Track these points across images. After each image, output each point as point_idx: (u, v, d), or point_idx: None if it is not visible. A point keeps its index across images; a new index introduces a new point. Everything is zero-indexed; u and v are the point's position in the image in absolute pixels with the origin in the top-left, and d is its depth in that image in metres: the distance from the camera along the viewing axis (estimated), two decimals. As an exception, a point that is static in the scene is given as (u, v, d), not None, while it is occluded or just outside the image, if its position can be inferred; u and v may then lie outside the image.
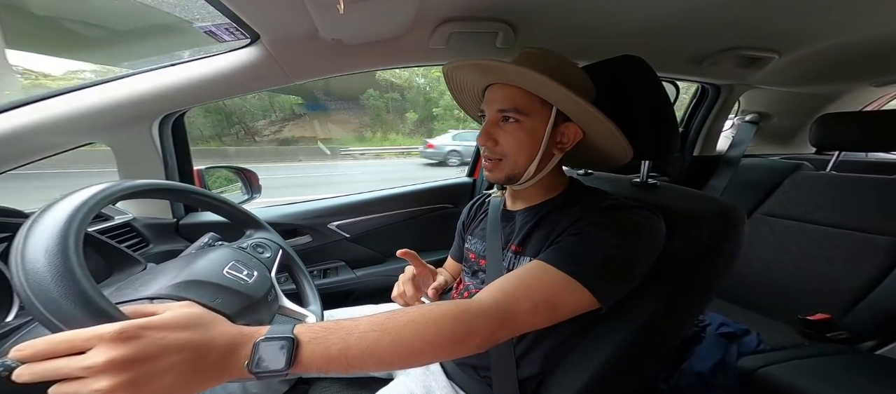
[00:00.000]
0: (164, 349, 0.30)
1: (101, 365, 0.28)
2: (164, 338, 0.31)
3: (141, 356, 0.29)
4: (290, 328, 0.36)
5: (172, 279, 0.49)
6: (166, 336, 0.31)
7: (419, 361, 0.38)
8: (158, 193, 0.56)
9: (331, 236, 1.13)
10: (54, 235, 0.34)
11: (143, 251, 0.86)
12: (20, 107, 0.67)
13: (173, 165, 0.91)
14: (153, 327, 0.31)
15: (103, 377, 0.28)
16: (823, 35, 0.88)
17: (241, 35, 0.68)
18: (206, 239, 0.68)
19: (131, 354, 0.29)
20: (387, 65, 0.88)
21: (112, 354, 0.28)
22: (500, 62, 0.51)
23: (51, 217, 0.36)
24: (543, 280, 0.45)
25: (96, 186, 0.42)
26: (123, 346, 0.29)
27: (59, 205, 0.38)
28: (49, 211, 0.37)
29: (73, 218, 0.37)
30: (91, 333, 0.29)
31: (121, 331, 0.29)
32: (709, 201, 0.53)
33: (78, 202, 0.39)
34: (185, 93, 0.76)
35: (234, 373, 0.34)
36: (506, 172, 0.56)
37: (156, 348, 0.30)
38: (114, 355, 0.28)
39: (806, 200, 1.06)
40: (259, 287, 0.57)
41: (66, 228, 0.35)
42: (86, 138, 0.77)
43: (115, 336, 0.29)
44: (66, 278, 0.32)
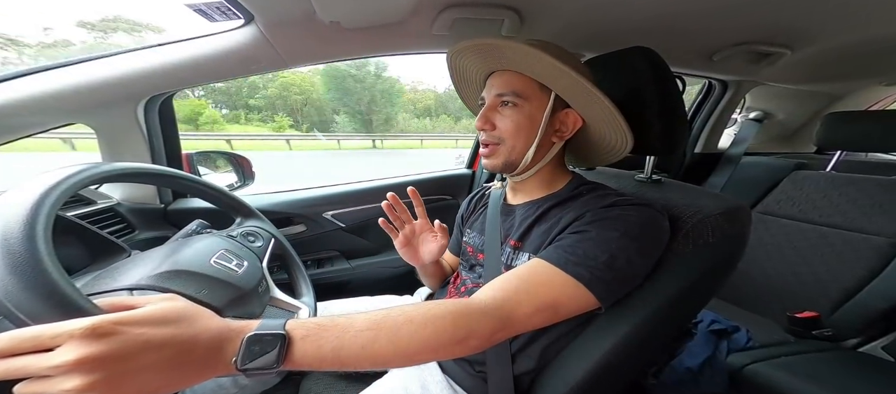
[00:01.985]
0: (143, 346, 0.29)
1: (70, 364, 0.26)
2: (142, 334, 0.29)
3: (115, 354, 0.27)
4: (282, 324, 0.35)
5: (155, 269, 0.47)
6: (145, 332, 0.29)
7: (415, 361, 0.38)
8: (139, 177, 0.53)
9: (326, 226, 1.11)
10: (19, 220, 0.31)
11: (129, 238, 0.83)
12: None
13: (160, 148, 0.87)
14: (130, 323, 0.29)
15: (72, 377, 0.26)
16: (837, 31, 0.87)
17: (234, 15, 0.64)
18: (193, 226, 0.66)
19: (104, 351, 0.27)
20: (387, 51, 0.85)
21: (82, 351, 0.26)
22: (497, 40, 0.51)
23: (15, 200, 0.33)
24: (545, 281, 0.44)
25: (69, 169, 0.39)
26: (96, 343, 0.27)
27: (25, 188, 0.35)
28: (13, 194, 0.34)
29: (41, 203, 0.34)
30: (59, 328, 0.27)
31: (93, 327, 0.27)
32: (715, 199, 0.52)
33: (47, 185, 0.36)
34: (172, 74, 0.72)
35: (220, 370, 0.32)
36: (503, 158, 0.55)
37: (133, 345, 0.28)
38: (84, 352, 0.26)
39: (803, 200, 1.07)
40: (249, 278, 0.55)
41: (33, 212, 0.32)
42: (67, 118, 0.73)
43: (86, 332, 0.27)
44: (30, 268, 0.29)
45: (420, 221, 0.65)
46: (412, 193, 0.61)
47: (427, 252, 0.64)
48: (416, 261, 0.66)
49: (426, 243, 0.64)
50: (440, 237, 0.63)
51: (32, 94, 0.65)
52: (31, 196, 0.34)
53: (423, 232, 0.65)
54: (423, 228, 0.65)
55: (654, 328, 0.49)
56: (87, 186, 0.42)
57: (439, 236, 0.63)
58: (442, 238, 0.63)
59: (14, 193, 0.34)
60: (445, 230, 0.64)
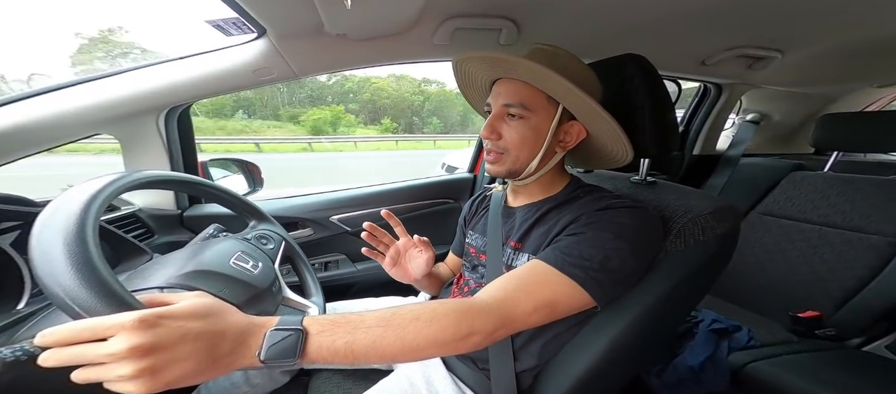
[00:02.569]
0: (182, 337, 0.31)
1: (124, 352, 0.29)
2: (181, 326, 0.32)
3: (160, 344, 0.30)
4: (300, 320, 0.37)
5: (181, 269, 0.50)
6: (184, 325, 0.32)
7: (421, 356, 0.40)
8: (169, 184, 0.57)
9: (332, 229, 1.14)
10: (72, 223, 0.35)
11: (149, 242, 0.87)
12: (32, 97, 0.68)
13: (178, 156, 0.92)
14: (171, 316, 0.32)
15: (126, 363, 0.29)
16: (828, 34, 0.89)
17: (248, 29, 0.68)
18: (211, 230, 0.69)
19: (151, 341, 0.30)
20: (390, 60, 0.88)
21: (133, 341, 0.29)
22: (508, 57, 0.51)
23: (68, 206, 0.37)
24: (543, 281, 0.46)
25: (110, 176, 0.43)
26: (144, 334, 0.30)
27: (74, 194, 0.39)
28: (65, 200, 0.38)
29: (89, 207, 0.37)
30: (112, 321, 0.30)
31: (141, 319, 0.30)
32: (705, 199, 0.54)
33: (93, 191, 0.39)
34: (191, 87, 0.77)
35: (245, 361, 0.35)
36: (507, 167, 0.56)
37: (174, 336, 0.31)
38: (135, 342, 0.29)
39: (802, 200, 1.07)
40: (264, 278, 0.58)
41: (83, 216, 0.36)
42: (94, 129, 0.78)
43: (135, 324, 0.30)
44: (86, 267, 0.33)
45: (403, 240, 0.67)
46: (387, 215, 0.64)
47: (415, 268, 0.66)
48: (407, 278, 0.68)
49: (413, 260, 0.66)
50: (424, 251, 0.65)
51: (64, 109, 0.70)
52: (81, 202, 0.37)
53: (408, 249, 0.67)
54: (407, 246, 0.67)
55: (650, 324, 0.51)
56: (124, 192, 0.45)
57: (423, 250, 0.65)
58: (426, 251, 0.65)
59: (65, 200, 0.38)
60: (428, 243, 0.66)
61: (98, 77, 0.72)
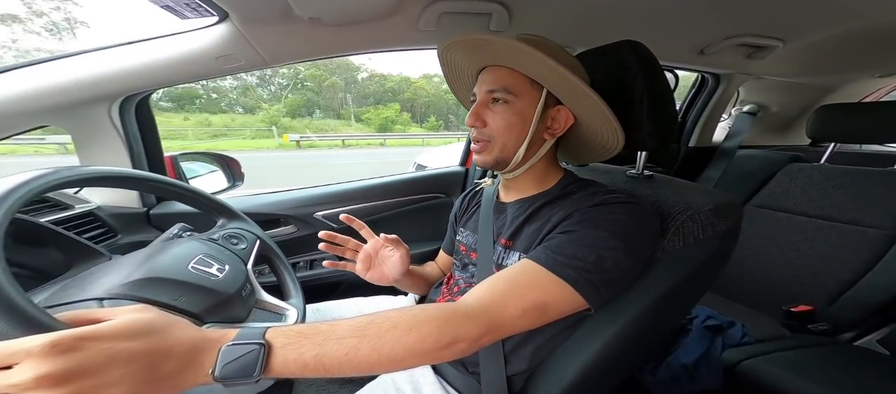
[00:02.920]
0: (110, 360, 0.28)
1: (30, 382, 0.25)
2: (108, 349, 0.28)
3: (78, 370, 0.26)
4: (262, 332, 0.34)
5: (128, 276, 0.45)
6: (112, 346, 0.28)
7: (400, 367, 0.37)
8: (107, 180, 0.51)
9: (317, 226, 1.09)
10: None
11: (110, 242, 0.81)
12: None
13: (140, 150, 0.85)
14: (95, 338, 0.28)
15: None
16: (830, 22, 0.86)
17: (206, 11, 0.62)
18: (175, 230, 0.64)
19: (65, 368, 0.26)
20: (371, 48, 0.83)
21: (41, 369, 0.25)
22: (489, 37, 0.50)
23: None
24: (533, 283, 0.43)
25: (20, 176, 0.38)
26: (56, 360, 0.26)
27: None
28: None
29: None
30: (16, 346, 0.26)
31: (52, 344, 0.26)
32: (706, 194, 0.51)
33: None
34: (146, 74, 0.70)
35: (196, 380, 0.32)
36: (494, 156, 0.54)
37: (98, 360, 0.27)
38: (44, 370, 0.25)
39: (798, 193, 1.06)
40: (230, 282, 0.54)
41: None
42: (38, 121, 0.71)
43: (44, 350, 0.26)
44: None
45: (371, 242, 0.64)
46: (347, 219, 0.62)
47: (391, 267, 0.63)
48: (385, 280, 0.65)
49: (387, 260, 0.63)
50: (396, 249, 0.63)
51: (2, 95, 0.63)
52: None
53: (379, 251, 0.64)
54: (376, 247, 0.64)
55: (645, 326, 0.49)
56: (45, 193, 0.40)
57: (394, 248, 0.63)
58: (397, 249, 0.63)
59: None
60: (397, 241, 0.64)
61: (39, 61, 0.65)
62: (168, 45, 0.68)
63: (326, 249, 0.63)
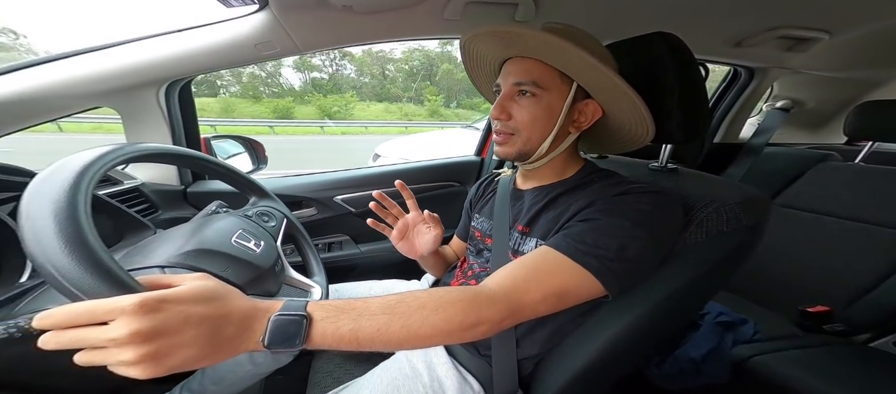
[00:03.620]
0: (185, 322, 0.31)
1: (125, 337, 0.28)
2: (183, 311, 0.31)
3: (162, 329, 0.30)
4: (304, 305, 0.36)
5: (181, 247, 0.49)
6: (186, 310, 0.31)
7: (426, 344, 0.39)
8: (167, 157, 0.55)
9: (336, 209, 1.13)
10: (63, 196, 0.33)
11: (152, 217, 0.87)
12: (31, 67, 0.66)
13: (180, 132, 0.90)
14: (173, 300, 0.31)
15: (128, 349, 0.29)
16: (884, 12, 0.81)
17: (250, 0, 0.65)
18: (213, 207, 0.68)
19: (153, 326, 0.29)
20: (398, 36, 0.84)
21: (134, 326, 0.29)
22: (520, 28, 0.49)
23: (58, 177, 0.34)
24: (553, 269, 0.44)
25: (103, 148, 0.41)
26: (145, 318, 0.29)
27: (65, 164, 0.36)
28: (55, 170, 0.35)
29: (80, 178, 0.35)
30: (112, 304, 0.29)
31: (142, 303, 0.29)
32: (734, 188, 0.50)
33: (85, 162, 0.37)
34: (191, 60, 0.74)
35: (249, 346, 0.34)
36: (517, 148, 0.54)
37: (176, 321, 0.31)
38: (136, 327, 0.29)
39: (827, 192, 1.02)
40: (266, 257, 0.57)
41: (74, 189, 0.34)
42: (94, 102, 0.77)
43: (135, 309, 0.29)
44: (80, 246, 0.31)
45: (412, 214, 0.65)
46: (400, 185, 0.62)
47: (423, 243, 0.65)
48: (414, 253, 0.67)
49: (421, 235, 0.65)
50: (433, 227, 0.64)
51: (61, 79, 0.68)
52: (72, 173, 0.35)
53: (417, 224, 0.65)
54: (416, 221, 0.65)
55: (659, 318, 0.49)
56: (119, 165, 0.43)
57: (432, 227, 0.64)
58: (435, 228, 0.64)
59: (56, 170, 0.36)
60: (437, 220, 0.65)
61: (97, 48, 0.70)
62: (211, 33, 0.72)
63: (375, 208, 0.64)
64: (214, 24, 0.71)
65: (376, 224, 0.64)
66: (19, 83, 0.65)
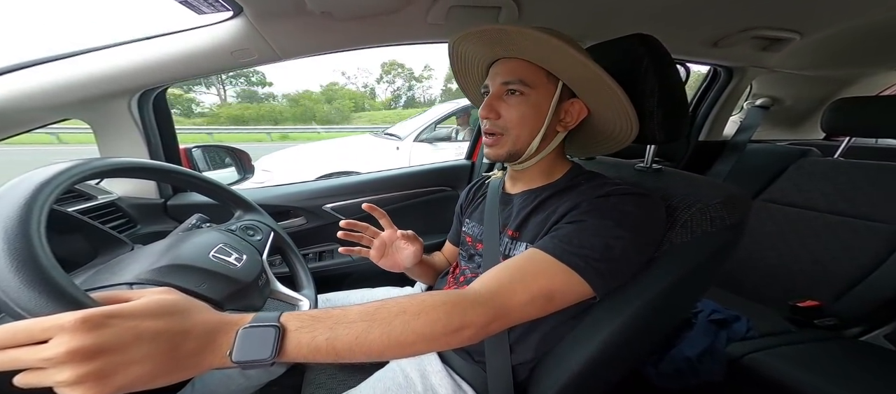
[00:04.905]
0: (136, 338, 0.29)
1: (62, 356, 0.26)
2: (135, 326, 0.29)
3: (106, 346, 0.28)
4: (277, 316, 0.35)
5: (154, 263, 0.47)
6: (137, 325, 0.30)
7: (409, 352, 0.37)
8: (139, 172, 0.53)
9: (325, 218, 1.11)
10: (14, 215, 0.32)
11: (131, 232, 0.84)
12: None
13: (157, 142, 0.87)
14: (122, 315, 0.29)
15: (65, 368, 0.27)
16: (850, 13, 0.84)
17: (222, 6, 0.63)
18: (193, 220, 0.66)
19: (95, 343, 0.27)
20: (381, 42, 0.83)
21: (73, 344, 0.27)
22: (509, 27, 0.49)
23: (11, 197, 0.33)
24: (540, 270, 0.44)
25: (66, 163, 0.39)
26: (86, 335, 0.27)
27: (18, 183, 0.35)
28: (7, 190, 0.34)
29: (35, 197, 0.34)
30: (50, 322, 0.27)
31: (83, 319, 0.27)
32: (714, 188, 0.52)
33: (40, 181, 0.36)
34: (164, 68, 0.72)
35: (214, 362, 0.33)
36: (507, 148, 0.55)
37: (125, 337, 0.29)
38: (74, 345, 0.27)
39: (809, 187, 1.05)
40: (248, 271, 0.56)
41: (27, 208, 0.33)
42: (62, 114, 0.74)
43: (76, 325, 0.27)
44: (27, 263, 0.30)
45: (387, 232, 0.66)
46: (369, 208, 0.64)
47: (404, 258, 0.66)
48: (397, 267, 0.68)
49: (400, 251, 0.66)
50: (411, 243, 0.66)
51: (25, 90, 0.65)
52: (24, 193, 0.34)
53: (395, 241, 0.66)
54: (392, 238, 0.66)
55: (650, 318, 0.49)
56: (79, 183, 0.41)
57: (409, 243, 0.66)
58: (413, 244, 0.66)
59: (8, 190, 0.34)
60: (414, 237, 0.67)
61: (62, 56, 0.67)
62: (185, 39, 0.70)
63: (345, 237, 0.64)
64: (188, 30, 0.69)
65: (349, 250, 0.64)
66: None
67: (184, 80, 0.76)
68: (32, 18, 50.77)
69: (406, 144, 3.07)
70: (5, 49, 29.43)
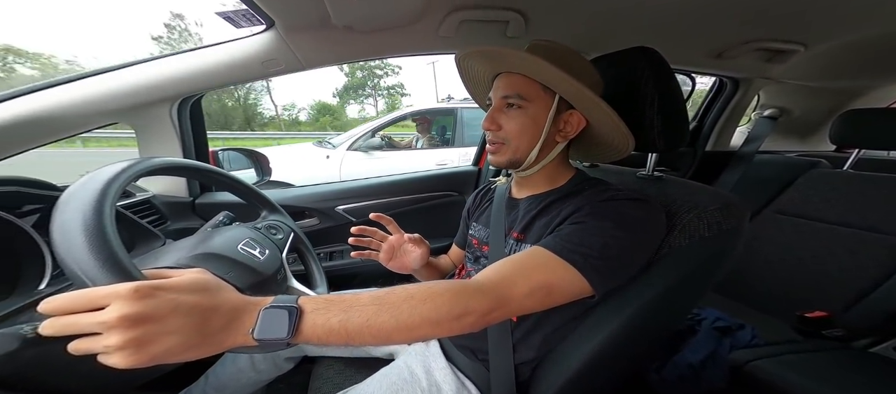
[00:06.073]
0: (174, 309, 0.32)
1: (114, 320, 0.29)
2: (174, 299, 0.32)
3: (151, 315, 0.30)
4: (295, 299, 0.37)
5: (191, 251, 0.52)
6: (177, 297, 0.32)
7: (415, 336, 0.39)
8: (185, 171, 0.60)
9: (337, 220, 1.16)
10: (91, 203, 0.37)
11: (162, 228, 0.90)
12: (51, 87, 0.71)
13: (191, 145, 0.94)
14: (166, 288, 0.32)
15: (114, 333, 0.29)
16: (855, 26, 0.84)
17: (257, 21, 0.70)
18: (220, 218, 0.71)
19: (142, 311, 0.30)
20: (396, 53, 0.89)
21: (124, 310, 0.29)
22: (502, 48, 0.53)
23: (88, 187, 0.39)
24: (540, 264, 0.46)
25: (127, 161, 0.45)
26: (136, 303, 0.30)
27: (93, 177, 0.41)
28: (85, 182, 0.40)
29: (108, 188, 0.40)
30: (109, 290, 0.30)
31: (136, 289, 0.30)
32: (712, 194, 0.53)
33: (112, 174, 0.42)
34: (202, 77, 0.79)
35: (238, 339, 0.35)
36: (508, 157, 0.57)
37: (166, 308, 0.31)
38: (126, 311, 0.29)
39: (819, 199, 1.04)
40: (269, 265, 0.60)
41: (101, 196, 0.38)
42: (111, 118, 0.81)
43: (129, 294, 0.30)
44: (99, 241, 0.35)
45: (395, 236, 0.70)
46: (376, 217, 0.67)
47: (412, 261, 0.70)
48: (405, 269, 0.71)
49: (408, 254, 0.70)
50: (417, 246, 0.69)
51: (80, 98, 0.72)
52: (100, 183, 0.40)
53: (403, 244, 0.70)
54: (400, 242, 0.69)
55: (650, 320, 0.51)
56: (141, 177, 0.47)
57: (416, 246, 0.69)
58: (419, 247, 0.69)
59: (86, 182, 0.40)
60: (420, 240, 0.70)
61: (114, 68, 0.75)
62: (222, 51, 0.77)
63: (354, 242, 0.68)
64: (224, 43, 0.76)
65: (359, 253, 0.69)
66: (40, 102, 0.69)
67: (219, 87, 0.83)
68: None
69: (338, 154, 2.84)
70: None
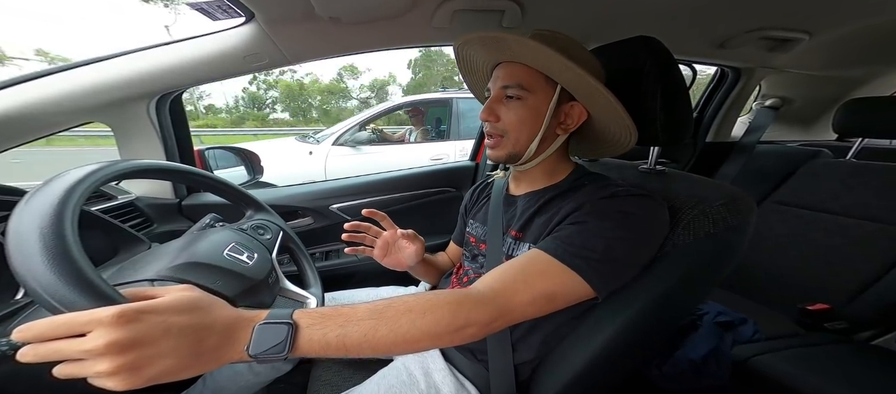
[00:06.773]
0: (165, 332, 0.31)
1: (101, 348, 0.28)
2: (164, 321, 0.31)
3: (139, 340, 0.30)
4: (290, 313, 0.36)
5: (173, 261, 0.49)
6: (166, 320, 0.32)
7: (415, 349, 0.39)
8: (160, 173, 0.56)
9: (332, 218, 1.13)
10: (48, 215, 0.34)
11: (147, 231, 0.87)
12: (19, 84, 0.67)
13: (173, 144, 0.91)
14: (152, 311, 0.31)
15: (103, 360, 0.29)
16: (860, 13, 0.82)
17: (235, 13, 0.66)
18: (207, 220, 0.69)
19: (130, 337, 0.29)
20: (387, 45, 0.85)
21: (111, 337, 0.29)
22: (503, 34, 0.50)
23: (44, 197, 0.35)
24: (542, 271, 0.44)
25: (91, 166, 0.42)
26: (122, 329, 0.29)
27: (52, 184, 0.37)
28: (42, 190, 0.36)
29: (68, 197, 0.36)
30: (89, 316, 0.29)
31: (119, 314, 0.29)
32: (717, 189, 0.51)
33: (71, 181, 0.38)
34: (180, 73, 0.75)
35: (233, 356, 0.34)
36: (507, 150, 0.55)
37: (155, 332, 0.31)
38: (112, 337, 0.29)
39: (821, 189, 1.03)
40: (259, 269, 0.58)
41: (60, 207, 0.35)
42: (85, 117, 0.77)
43: (113, 320, 0.29)
44: (62, 260, 0.32)
45: (389, 232, 0.68)
46: (369, 213, 0.65)
47: (406, 257, 0.68)
48: (401, 266, 0.70)
49: (402, 250, 0.68)
50: (412, 242, 0.68)
51: (51, 95, 0.69)
52: (59, 192, 0.36)
53: (397, 240, 0.68)
54: (394, 238, 0.68)
55: (652, 319, 0.49)
56: (107, 183, 0.44)
57: (410, 242, 0.68)
58: (414, 243, 0.68)
59: (42, 191, 0.37)
60: (414, 236, 0.69)
61: (84, 63, 0.71)
62: (200, 44, 0.73)
63: (348, 239, 0.66)
64: (202, 36, 0.72)
65: (354, 250, 0.67)
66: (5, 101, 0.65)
67: (199, 83, 0.79)
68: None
69: (322, 149, 2.56)
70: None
